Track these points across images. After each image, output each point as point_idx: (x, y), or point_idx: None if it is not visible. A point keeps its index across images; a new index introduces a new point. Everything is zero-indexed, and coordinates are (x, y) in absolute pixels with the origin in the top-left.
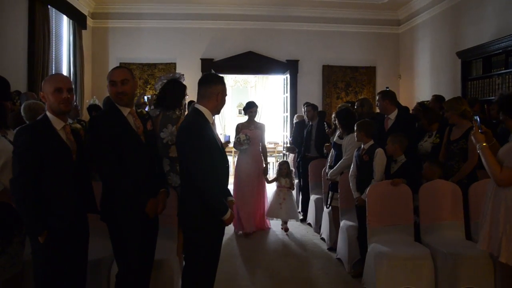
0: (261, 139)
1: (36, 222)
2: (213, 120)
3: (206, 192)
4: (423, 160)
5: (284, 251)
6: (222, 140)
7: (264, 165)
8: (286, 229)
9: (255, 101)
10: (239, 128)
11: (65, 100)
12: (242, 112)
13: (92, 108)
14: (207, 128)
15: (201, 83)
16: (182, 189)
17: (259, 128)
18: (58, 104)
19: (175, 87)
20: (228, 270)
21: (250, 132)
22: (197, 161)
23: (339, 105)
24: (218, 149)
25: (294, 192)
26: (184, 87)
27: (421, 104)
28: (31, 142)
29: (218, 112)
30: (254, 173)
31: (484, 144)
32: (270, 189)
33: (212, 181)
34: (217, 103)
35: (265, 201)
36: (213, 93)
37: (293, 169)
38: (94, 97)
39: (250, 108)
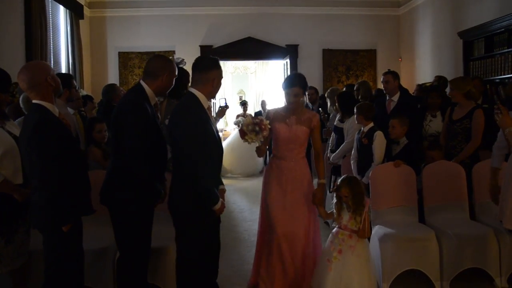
0: (309, 141)
1: (66, 211)
2: (209, 105)
3: (198, 180)
4: (433, 141)
5: None
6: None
7: (319, 187)
8: None
9: (304, 76)
10: (270, 117)
11: None
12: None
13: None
14: (203, 113)
15: (197, 68)
16: (172, 176)
17: (306, 122)
18: (60, 86)
19: (179, 74)
20: None
21: (287, 128)
22: (191, 148)
23: (330, 88)
24: (213, 135)
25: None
26: (187, 73)
27: (421, 86)
28: (53, 134)
29: (213, 97)
30: (301, 206)
31: None
32: None
33: (205, 168)
34: (212, 89)
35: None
36: (209, 79)
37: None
38: None
39: (291, 86)
